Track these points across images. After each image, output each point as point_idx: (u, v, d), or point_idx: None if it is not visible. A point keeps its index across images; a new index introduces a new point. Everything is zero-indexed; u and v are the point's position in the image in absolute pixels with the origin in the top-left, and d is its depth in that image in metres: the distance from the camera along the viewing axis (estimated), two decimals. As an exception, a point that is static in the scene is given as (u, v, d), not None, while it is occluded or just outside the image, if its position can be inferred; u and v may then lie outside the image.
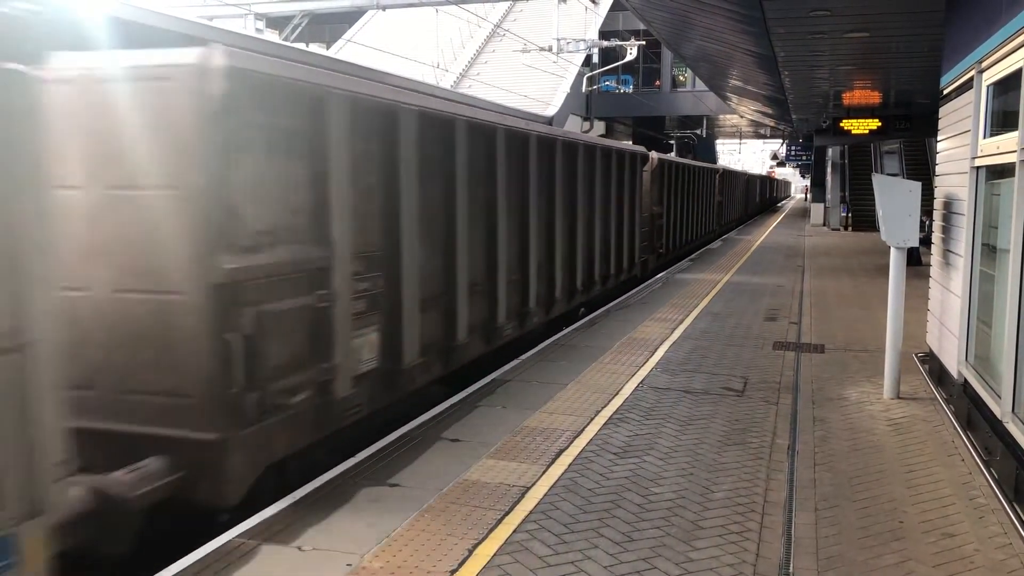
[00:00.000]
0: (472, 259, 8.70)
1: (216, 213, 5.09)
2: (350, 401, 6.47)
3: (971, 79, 7.45)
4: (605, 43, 31.19)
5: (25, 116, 3.56)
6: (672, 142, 53.07)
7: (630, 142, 42.74)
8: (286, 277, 5.70)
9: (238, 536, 5.01)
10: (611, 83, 42.71)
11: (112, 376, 5.19)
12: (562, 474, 6.10)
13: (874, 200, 9.55)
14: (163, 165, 5.08)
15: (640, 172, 17.29)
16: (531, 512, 5.42)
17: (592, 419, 7.46)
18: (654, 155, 19.32)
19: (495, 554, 4.82)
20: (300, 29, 28.07)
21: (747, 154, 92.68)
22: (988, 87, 7.08)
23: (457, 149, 8.26)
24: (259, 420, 5.42)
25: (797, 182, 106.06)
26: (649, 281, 18.09)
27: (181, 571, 4.58)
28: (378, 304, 6.86)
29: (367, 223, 6.73)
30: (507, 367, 9.45)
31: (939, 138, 9.27)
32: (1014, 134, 6.04)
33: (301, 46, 23.04)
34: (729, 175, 37.83)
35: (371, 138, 6.80)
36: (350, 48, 32.98)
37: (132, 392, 5.12)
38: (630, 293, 16.01)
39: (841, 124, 22.74)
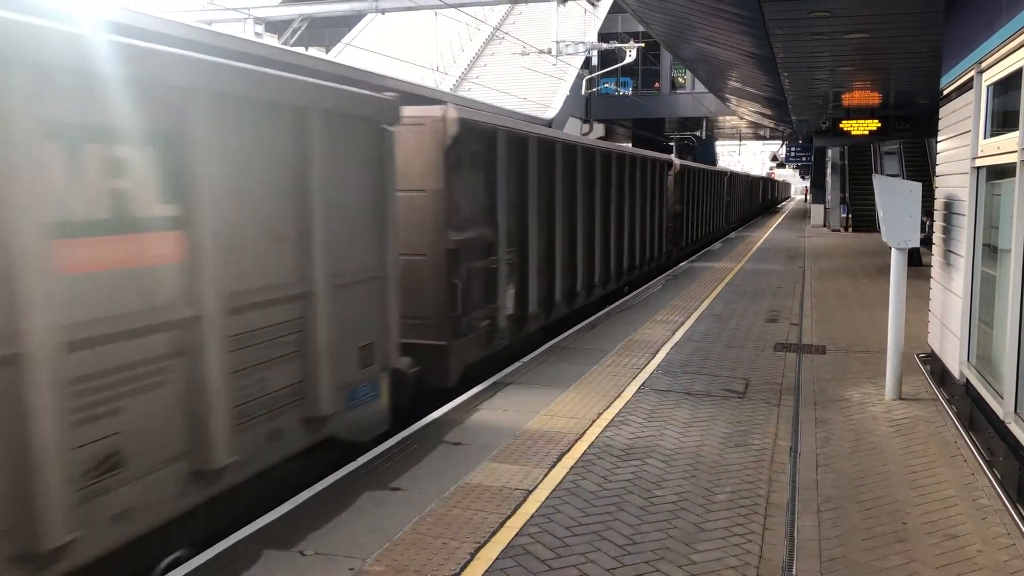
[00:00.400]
0: (563, 243, 11.89)
1: (447, 206, 8.14)
2: (503, 333, 9.63)
3: (971, 79, 7.45)
4: (604, 45, 31.24)
5: (390, 154, 6.59)
6: (672, 144, 53.04)
7: (629, 144, 42.82)
8: (477, 247, 8.91)
9: (240, 541, 5.00)
10: (610, 85, 42.74)
11: None
12: (564, 477, 6.10)
13: (874, 201, 9.56)
14: (418, 176, 8.02)
15: (666, 176, 20.49)
16: (533, 515, 5.41)
17: (594, 421, 7.46)
18: (676, 161, 22.38)
19: (497, 558, 4.81)
20: (299, 33, 28.10)
21: (747, 155, 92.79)
22: (988, 87, 7.07)
23: (556, 163, 11.40)
24: (466, 335, 8.60)
25: (797, 183, 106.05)
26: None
27: (185, 575, 4.59)
28: (514, 270, 10.03)
29: (511, 213, 9.86)
30: (508, 369, 9.46)
31: (939, 139, 9.27)
32: (1014, 134, 6.04)
33: (300, 50, 23.05)
34: (735, 177, 39.30)
35: (514, 157, 9.93)
36: (349, 52, 32.99)
37: None
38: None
39: (841, 125, 22.71)
